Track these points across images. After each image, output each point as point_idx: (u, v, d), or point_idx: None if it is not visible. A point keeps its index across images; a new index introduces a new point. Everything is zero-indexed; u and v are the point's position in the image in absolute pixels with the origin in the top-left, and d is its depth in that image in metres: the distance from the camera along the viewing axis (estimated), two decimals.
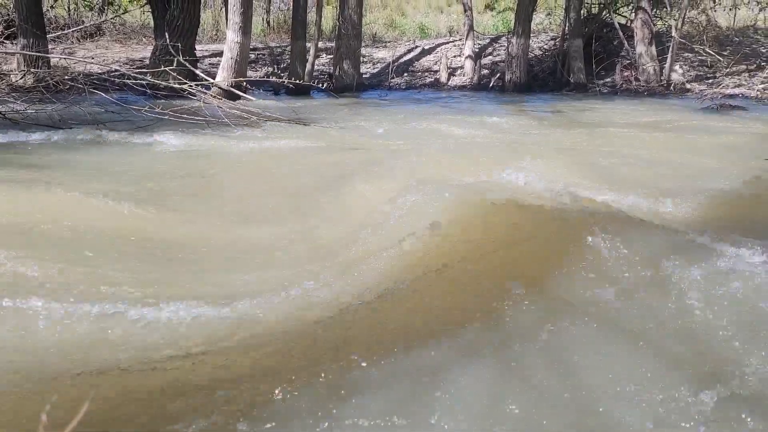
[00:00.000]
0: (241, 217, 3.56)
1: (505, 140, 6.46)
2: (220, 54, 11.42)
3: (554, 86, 12.89)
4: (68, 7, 15.90)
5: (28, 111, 6.79)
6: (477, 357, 1.89)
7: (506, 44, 13.15)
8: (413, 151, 5.12)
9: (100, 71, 10.82)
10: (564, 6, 13.49)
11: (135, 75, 7.68)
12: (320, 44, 13.09)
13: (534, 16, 13.54)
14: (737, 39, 13.47)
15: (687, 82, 12.04)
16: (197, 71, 9.85)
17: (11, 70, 10.15)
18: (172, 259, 2.75)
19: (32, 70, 8.86)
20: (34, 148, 5.57)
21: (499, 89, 12.89)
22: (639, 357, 1.99)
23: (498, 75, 13.29)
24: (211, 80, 9.70)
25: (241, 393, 1.61)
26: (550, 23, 15.87)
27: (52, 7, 15.48)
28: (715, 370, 1.98)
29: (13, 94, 7.64)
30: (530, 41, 13.08)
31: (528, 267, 2.43)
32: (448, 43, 15.44)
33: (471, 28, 13.93)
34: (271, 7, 18.02)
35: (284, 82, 9.60)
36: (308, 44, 12.37)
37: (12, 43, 11.28)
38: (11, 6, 11.75)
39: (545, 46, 14.38)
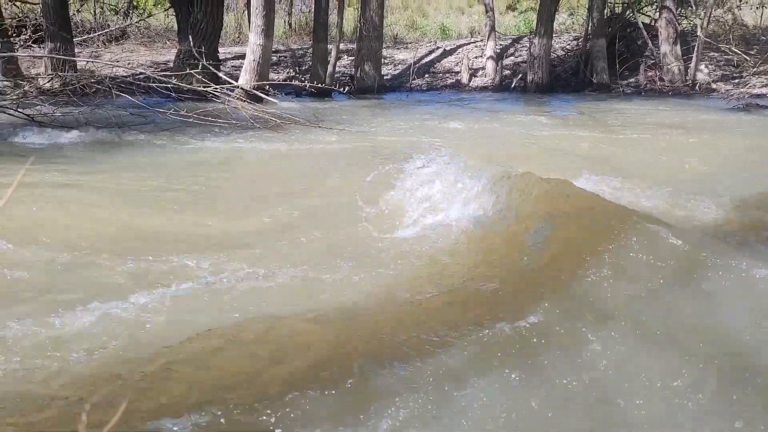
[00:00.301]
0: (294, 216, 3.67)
1: (522, 136, 6.43)
2: (242, 56, 11.49)
3: (576, 86, 12.76)
4: (94, 12, 16.13)
5: (56, 114, 6.89)
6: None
7: (528, 45, 13.06)
8: (436, 150, 5.11)
9: (125, 74, 10.92)
10: (587, 6, 13.35)
11: (160, 78, 7.74)
12: (342, 46, 13.11)
13: (556, 16, 13.42)
14: (764, 38, 13.23)
15: (713, 81, 11.85)
16: (220, 74, 9.93)
17: (39, 74, 10.32)
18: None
19: (59, 73, 8.97)
20: (71, 150, 5.67)
21: (521, 90, 12.81)
22: (666, 360, 1.96)
23: (520, 75, 13.20)
24: (234, 83, 9.76)
25: None
26: (573, 23, 15.72)
27: (78, 11, 15.72)
28: (744, 374, 1.94)
29: (41, 97, 7.76)
30: (552, 41, 12.97)
31: (554, 267, 2.41)
32: (469, 44, 15.37)
33: (492, 28, 13.86)
34: (293, 10, 18.10)
35: (306, 85, 9.62)
36: (330, 46, 12.40)
37: (40, 47, 11.46)
38: (39, 11, 11.94)
39: (567, 47, 14.24)
